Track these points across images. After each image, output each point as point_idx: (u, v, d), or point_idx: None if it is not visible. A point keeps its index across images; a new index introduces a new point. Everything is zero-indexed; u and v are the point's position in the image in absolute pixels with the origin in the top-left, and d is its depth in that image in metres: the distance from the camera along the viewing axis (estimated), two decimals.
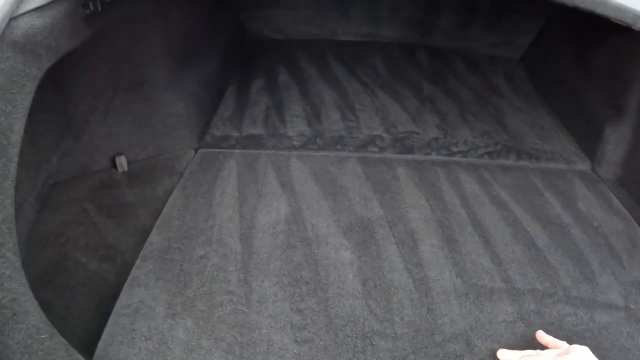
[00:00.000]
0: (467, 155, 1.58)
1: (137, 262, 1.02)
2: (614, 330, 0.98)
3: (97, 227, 1.13)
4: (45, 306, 0.71)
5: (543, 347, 0.84)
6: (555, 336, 0.86)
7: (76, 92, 0.88)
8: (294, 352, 0.86)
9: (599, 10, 0.95)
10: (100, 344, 0.84)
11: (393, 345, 0.88)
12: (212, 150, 1.47)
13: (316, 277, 1.03)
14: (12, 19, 0.66)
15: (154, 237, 1.09)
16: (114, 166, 1.28)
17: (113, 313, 0.90)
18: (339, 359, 0.85)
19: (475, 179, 1.45)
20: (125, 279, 0.97)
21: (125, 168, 1.29)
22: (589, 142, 1.66)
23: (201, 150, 1.46)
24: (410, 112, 1.77)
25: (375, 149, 1.54)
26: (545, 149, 1.67)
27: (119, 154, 1.28)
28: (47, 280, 0.95)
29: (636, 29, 0.97)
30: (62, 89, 1.04)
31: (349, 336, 0.90)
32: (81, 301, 0.95)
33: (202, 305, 0.93)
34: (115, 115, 1.24)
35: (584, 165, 1.65)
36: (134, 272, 0.99)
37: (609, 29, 1.14)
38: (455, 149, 1.59)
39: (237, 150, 1.47)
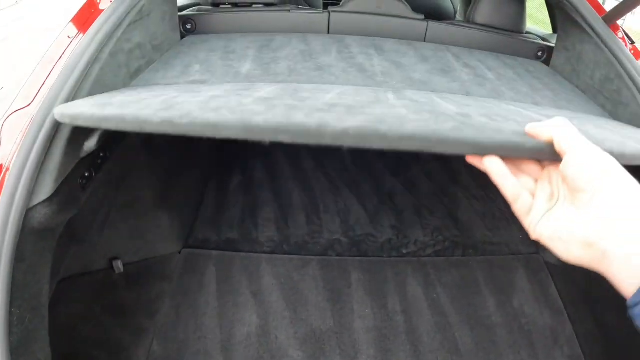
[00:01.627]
0: (416, 254, 1.82)
1: None
2: None
3: (103, 325, 1.36)
4: None
5: None
6: None
7: (78, 212, 0.99)
8: None
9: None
10: None
11: None
12: (195, 251, 1.76)
13: None
14: (28, 210, 0.81)
15: (155, 347, 1.36)
16: (112, 267, 1.50)
17: None
18: None
19: (421, 280, 1.68)
20: None
21: (122, 270, 1.50)
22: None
23: (185, 251, 1.74)
24: (369, 212, 2.03)
25: (334, 254, 1.79)
26: (493, 241, 1.89)
27: (116, 258, 1.50)
28: None
29: None
30: None
31: None
32: None
33: None
34: (112, 227, 1.41)
35: (530, 250, 1.86)
36: None
37: None
38: (405, 251, 1.84)
39: (215, 252, 1.75)
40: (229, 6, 1.53)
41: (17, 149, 0.81)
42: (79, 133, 0.87)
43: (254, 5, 1.52)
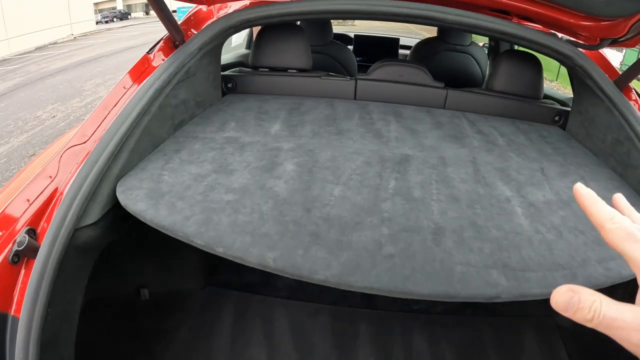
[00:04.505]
0: (425, 311, 1.83)
1: None
2: None
3: (120, 345, 1.49)
4: None
5: None
6: None
7: (117, 240, 1.16)
8: None
9: None
10: None
11: None
12: (217, 289, 1.88)
13: None
14: (76, 230, 0.98)
15: None
16: (139, 294, 1.60)
17: None
18: None
19: (427, 336, 1.71)
20: None
21: (147, 297, 1.62)
22: None
23: (208, 288, 1.86)
24: None
25: (345, 304, 1.84)
26: (505, 302, 1.84)
27: (143, 286, 1.61)
28: None
29: None
30: None
31: None
32: None
33: None
34: (143, 258, 1.58)
35: (542, 313, 1.84)
36: None
37: None
38: (415, 307, 1.86)
39: (235, 292, 1.86)
40: (267, 70, 1.76)
41: (71, 177, 1.01)
42: None
43: (288, 70, 1.75)
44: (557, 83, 12.46)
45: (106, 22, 42.13)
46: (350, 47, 4.07)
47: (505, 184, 1.16)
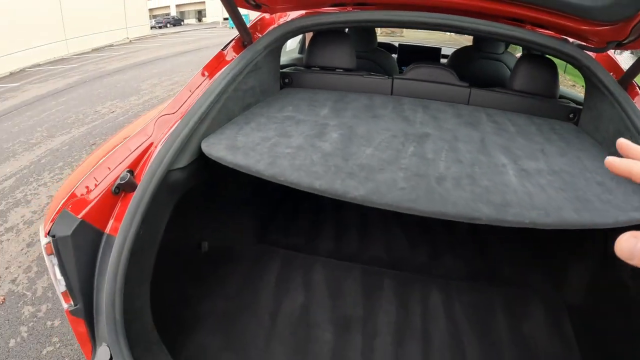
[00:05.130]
0: (443, 277, 2.13)
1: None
2: None
3: (184, 285, 1.85)
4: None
5: None
6: None
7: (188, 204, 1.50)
8: None
9: None
10: None
11: None
12: (266, 246, 2.25)
13: (306, 344, 1.74)
14: (169, 171, 1.32)
15: (219, 304, 1.88)
16: (199, 247, 1.92)
17: None
18: None
19: (443, 296, 1.98)
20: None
21: (207, 249, 1.94)
22: (558, 271, 2.09)
23: (259, 245, 2.24)
24: (410, 240, 2.44)
25: (374, 266, 2.18)
26: (516, 279, 2.16)
27: (204, 240, 1.93)
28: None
29: None
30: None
31: None
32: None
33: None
34: (206, 217, 1.92)
35: (551, 291, 2.05)
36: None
37: None
38: (434, 272, 2.17)
39: (282, 250, 2.22)
40: (318, 69, 2.11)
41: (165, 135, 1.36)
42: None
43: (336, 70, 2.09)
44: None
45: (160, 27, 43.60)
46: (395, 56, 4.41)
47: (505, 156, 1.41)
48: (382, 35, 5.83)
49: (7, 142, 6.56)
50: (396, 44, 4.70)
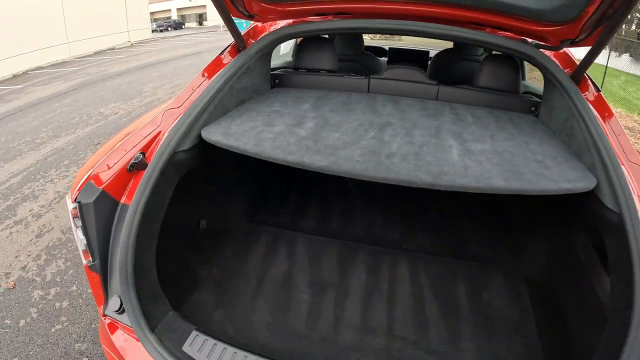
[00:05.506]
0: (411, 251, 2.40)
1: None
2: None
3: (185, 256, 2.10)
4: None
5: None
6: None
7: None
8: None
9: None
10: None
11: None
12: (256, 225, 2.54)
13: (286, 302, 2.00)
14: (175, 152, 1.58)
15: (214, 270, 2.15)
16: (198, 225, 2.17)
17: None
18: None
19: (410, 266, 2.24)
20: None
21: (205, 227, 2.20)
22: (520, 248, 2.33)
23: (249, 224, 2.53)
24: (386, 220, 2.72)
25: (351, 240, 2.46)
26: (481, 255, 2.40)
27: (202, 219, 2.20)
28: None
29: None
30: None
31: None
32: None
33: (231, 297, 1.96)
34: (204, 199, 2.18)
35: (514, 266, 2.28)
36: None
37: None
38: (404, 247, 2.44)
39: (269, 227, 2.51)
40: (304, 70, 2.38)
41: (172, 124, 1.63)
42: None
43: (320, 71, 2.36)
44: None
45: (161, 30, 43.88)
46: (385, 59, 4.69)
47: (455, 140, 1.66)
48: (380, 39, 6.12)
49: (14, 142, 6.81)
50: (387, 47, 4.96)
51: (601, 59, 15.21)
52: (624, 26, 34.17)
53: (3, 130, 7.67)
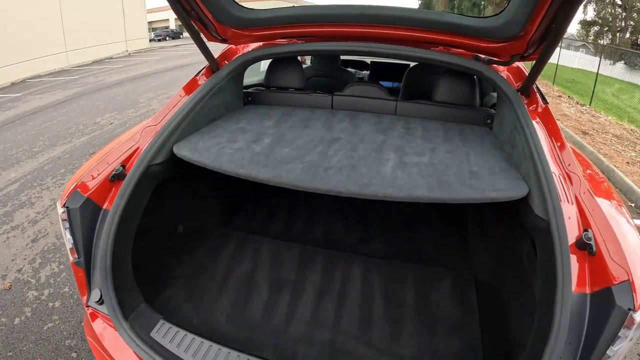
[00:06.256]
0: (366, 254, 2.57)
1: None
2: None
3: (160, 256, 2.30)
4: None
5: None
6: None
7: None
8: None
9: None
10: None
11: None
12: (227, 230, 2.75)
13: (247, 297, 2.21)
14: (149, 165, 1.81)
15: (187, 269, 2.35)
16: (175, 229, 2.40)
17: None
18: None
19: (362, 269, 2.42)
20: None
21: (181, 231, 2.42)
22: (472, 254, 2.50)
23: (222, 229, 2.75)
24: (347, 226, 2.92)
25: (311, 245, 2.67)
26: (435, 260, 2.55)
27: (179, 223, 2.42)
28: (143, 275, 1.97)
29: None
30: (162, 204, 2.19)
31: None
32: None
33: (199, 293, 2.16)
34: (180, 203, 2.41)
35: (464, 269, 2.44)
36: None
37: None
38: (360, 251, 2.61)
39: (239, 232, 2.72)
40: (275, 89, 2.64)
41: (148, 140, 1.87)
42: None
43: (289, 90, 2.62)
44: (589, 107, 12.15)
45: (159, 40, 44.20)
46: (367, 72, 4.97)
47: (395, 153, 1.85)
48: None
49: (11, 150, 7.05)
50: (369, 61, 5.22)
51: (593, 67, 15.53)
52: (618, 34, 34.61)
53: (1, 139, 7.91)
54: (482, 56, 2.11)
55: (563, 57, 23.76)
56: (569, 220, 1.43)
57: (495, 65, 2.09)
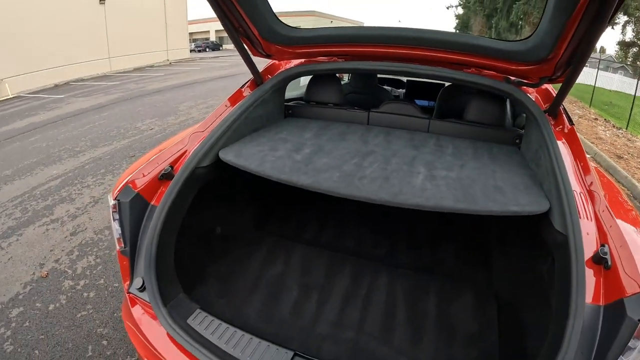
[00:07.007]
0: (390, 264, 2.67)
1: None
2: None
3: (198, 256, 2.44)
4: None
5: None
6: None
7: (207, 198, 2.17)
8: None
9: None
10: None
11: None
12: (262, 234, 2.89)
13: (277, 296, 2.32)
14: (196, 167, 2.00)
15: (222, 267, 2.50)
16: (214, 230, 2.56)
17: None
18: None
19: (387, 278, 2.51)
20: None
21: (219, 232, 2.58)
22: (494, 269, 2.57)
23: (256, 233, 2.89)
24: (376, 237, 3.02)
25: (341, 252, 2.78)
26: (457, 275, 2.63)
27: (217, 226, 2.58)
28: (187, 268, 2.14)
29: None
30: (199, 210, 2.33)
31: None
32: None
33: (232, 290, 2.27)
34: (220, 208, 2.57)
35: (486, 284, 2.51)
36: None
37: None
38: (387, 261, 2.70)
39: (272, 237, 2.86)
40: (314, 103, 2.82)
41: (196, 145, 2.04)
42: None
43: (328, 105, 2.80)
44: (626, 131, 11.80)
45: (199, 51, 45.21)
46: (403, 90, 5.16)
47: (425, 168, 1.96)
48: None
49: (54, 148, 7.42)
50: (405, 80, 5.41)
51: (632, 89, 15.15)
52: None
53: (44, 137, 8.29)
54: (513, 78, 2.20)
55: (601, 78, 23.43)
56: (587, 236, 1.50)
57: (524, 87, 2.18)
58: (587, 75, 24.60)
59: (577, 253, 1.43)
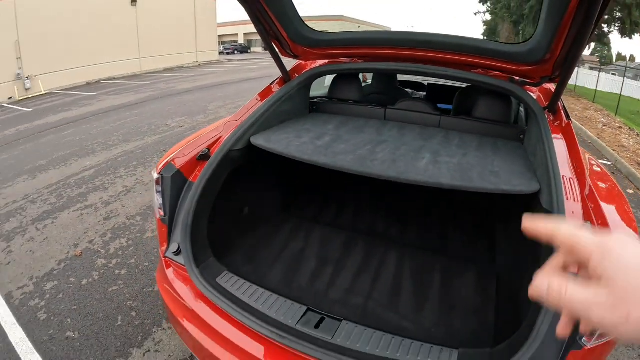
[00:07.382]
0: (400, 243, 2.88)
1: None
2: None
3: (229, 230, 2.65)
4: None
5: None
6: None
7: (237, 180, 2.41)
8: None
9: None
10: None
11: None
12: (287, 216, 3.12)
13: (297, 266, 2.51)
14: (230, 150, 2.27)
15: (250, 240, 2.72)
16: (242, 210, 2.79)
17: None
18: None
19: (396, 257, 2.70)
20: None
21: (247, 213, 2.81)
22: (496, 249, 2.76)
23: (282, 214, 3.12)
24: (390, 217, 3.22)
25: (354, 232, 3.00)
26: (461, 254, 2.81)
27: (245, 206, 2.81)
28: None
29: None
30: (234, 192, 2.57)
31: None
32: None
33: (257, 260, 2.50)
34: (248, 190, 2.80)
35: (488, 263, 2.69)
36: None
37: None
38: (397, 241, 2.91)
39: (296, 218, 3.09)
40: (336, 100, 3.09)
41: (230, 132, 2.32)
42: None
43: (349, 101, 3.06)
44: None
45: (227, 53, 45.70)
46: (424, 93, 5.39)
47: (431, 154, 2.17)
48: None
49: (87, 142, 7.82)
50: (426, 83, 5.65)
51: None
52: None
53: (77, 131, 8.70)
54: (517, 78, 2.38)
55: (629, 87, 23.15)
56: (572, 214, 1.66)
57: (527, 86, 2.36)
58: (613, 84, 24.29)
59: None
